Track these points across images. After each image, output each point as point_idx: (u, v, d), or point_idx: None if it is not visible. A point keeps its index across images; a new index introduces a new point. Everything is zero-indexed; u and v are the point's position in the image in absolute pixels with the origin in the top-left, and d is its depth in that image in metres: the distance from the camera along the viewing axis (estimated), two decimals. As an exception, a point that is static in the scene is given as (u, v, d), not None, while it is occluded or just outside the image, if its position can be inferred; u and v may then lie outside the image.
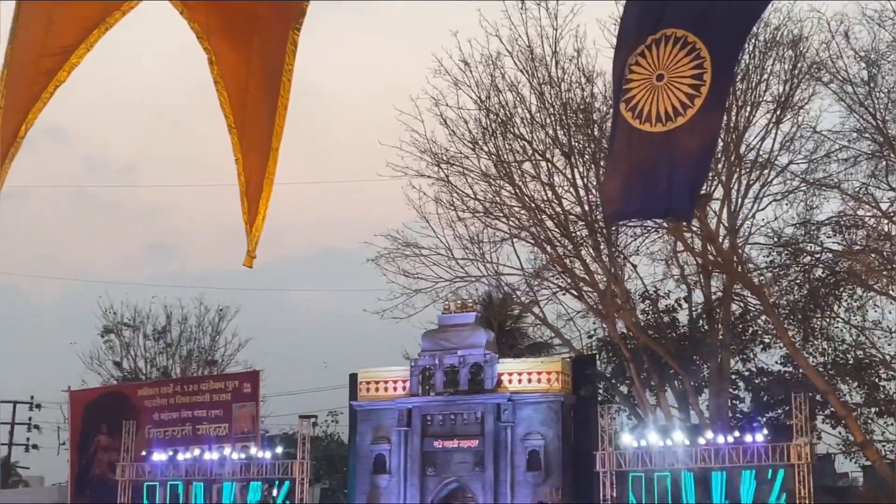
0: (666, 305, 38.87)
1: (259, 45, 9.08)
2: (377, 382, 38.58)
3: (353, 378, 39.32)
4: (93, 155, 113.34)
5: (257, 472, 37.45)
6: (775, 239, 35.38)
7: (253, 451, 38.10)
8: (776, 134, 34.31)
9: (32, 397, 51.71)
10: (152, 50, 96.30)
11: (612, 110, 11.89)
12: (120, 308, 52.93)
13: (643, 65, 10.71)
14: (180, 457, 38.47)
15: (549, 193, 36.65)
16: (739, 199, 34.94)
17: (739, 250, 35.40)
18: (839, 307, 36.02)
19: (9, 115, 8.07)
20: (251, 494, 37.29)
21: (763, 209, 35.18)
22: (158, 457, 38.81)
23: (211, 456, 38.07)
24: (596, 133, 36.05)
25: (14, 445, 52.49)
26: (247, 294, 53.08)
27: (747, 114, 34.25)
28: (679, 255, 37.23)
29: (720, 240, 35.10)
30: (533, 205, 36.88)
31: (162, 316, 52.85)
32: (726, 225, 35.18)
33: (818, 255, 34.85)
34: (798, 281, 35.84)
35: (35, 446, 51.58)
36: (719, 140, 33.55)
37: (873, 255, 32.66)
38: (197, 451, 38.41)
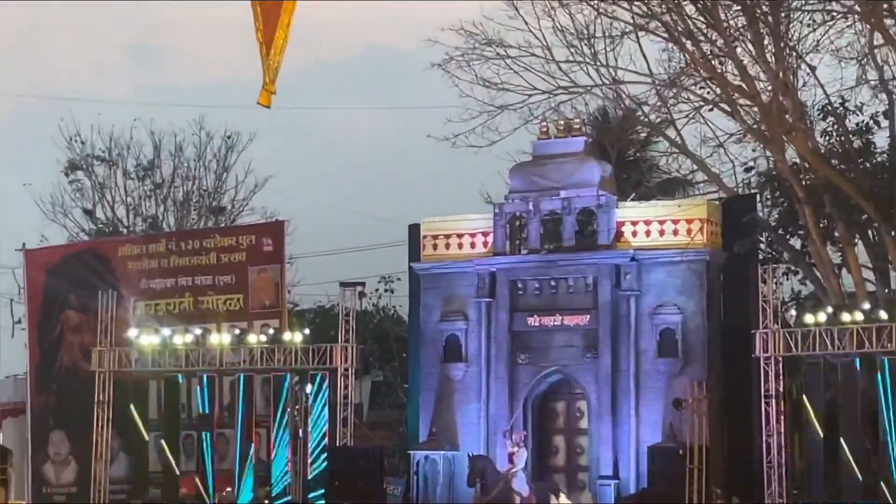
0: (857, 124, 38.18)
1: None
2: (448, 236, 38.82)
3: (415, 230, 39.54)
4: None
5: (284, 360, 37.64)
6: None
7: (277, 331, 38.39)
8: None
9: (-29, 259, 50.20)
10: None
11: None
12: (90, 135, 53.78)
13: None
14: (178, 340, 38.58)
15: (691, -34, 36.09)
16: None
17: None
18: None
19: None
20: (276, 390, 37.63)
21: None
22: (148, 340, 38.86)
23: (220, 339, 38.28)
24: None
25: (-50, 325, 54.42)
26: (265, 115, 52.64)
27: None
28: (877, 50, 36.61)
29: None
30: (667, -18, 36.30)
31: (148, 145, 53.91)
32: (947, 5, 34.49)
33: None
34: None
35: (-21, 327, 51.09)
36: None
37: None
38: (200, 333, 38.64)
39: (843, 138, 38.16)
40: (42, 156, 55.05)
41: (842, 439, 32.46)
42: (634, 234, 36.95)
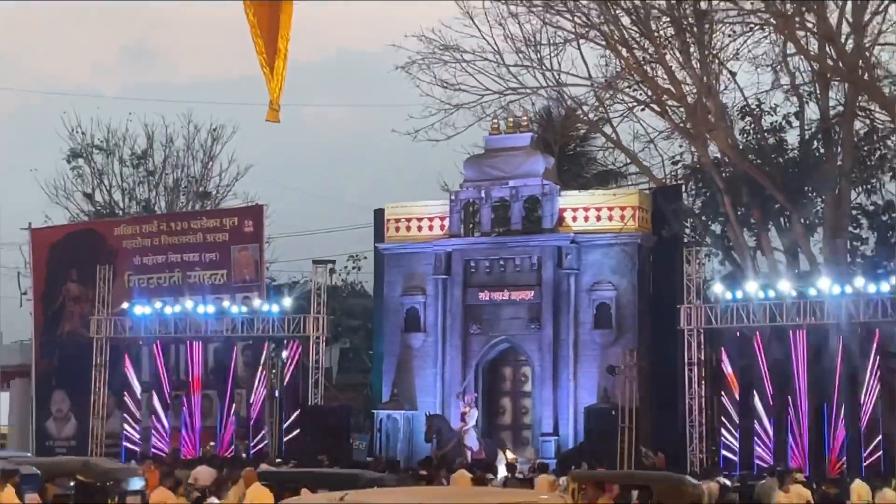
0: (772, 123, 38.55)
1: None
2: (409, 220, 38.68)
3: (379, 214, 39.45)
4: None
5: (262, 328, 37.83)
6: (912, 38, 34.71)
7: (256, 303, 38.49)
8: None
9: (-16, 236, 50.12)
10: None
11: None
12: (90, 127, 53.04)
13: None
14: (168, 310, 38.88)
15: (625, -19, 36.47)
16: (868, -12, 34.50)
17: (866, 52, 35.13)
18: None
19: None
20: (255, 355, 37.85)
21: (898, 1, 34.51)
22: (141, 310, 39.14)
23: (205, 309, 38.45)
24: None
25: (-37, 294, 51.74)
26: (246, 110, 53.21)
27: None
28: (790, 59, 37.16)
29: (842, 39, 34.96)
30: (605, -4, 36.63)
31: (142, 137, 53.05)
32: (850, 20, 35.00)
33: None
34: (940, 92, 35.41)
35: (-10, 297, 50.83)
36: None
37: None
38: (188, 304, 38.72)
39: (759, 136, 38.38)
40: (46, 145, 54.74)
41: (755, 400, 32.66)
42: (574, 219, 36.83)
